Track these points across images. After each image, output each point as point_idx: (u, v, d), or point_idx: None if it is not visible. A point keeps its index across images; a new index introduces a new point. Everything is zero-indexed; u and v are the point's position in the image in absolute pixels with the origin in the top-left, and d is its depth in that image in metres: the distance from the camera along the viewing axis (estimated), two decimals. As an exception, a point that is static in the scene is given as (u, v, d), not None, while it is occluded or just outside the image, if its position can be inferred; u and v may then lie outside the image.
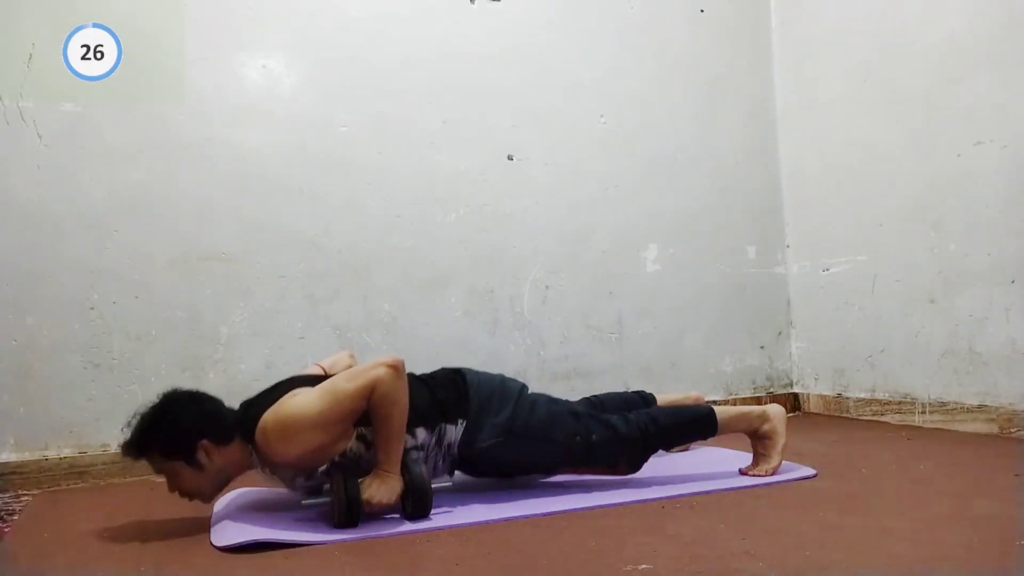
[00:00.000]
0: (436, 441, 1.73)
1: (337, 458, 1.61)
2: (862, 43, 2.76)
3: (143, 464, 1.62)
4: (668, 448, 1.97)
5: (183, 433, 1.58)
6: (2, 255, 2.19)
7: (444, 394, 1.77)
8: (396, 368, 1.58)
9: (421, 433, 1.70)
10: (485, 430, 1.74)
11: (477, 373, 1.86)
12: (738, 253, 3.07)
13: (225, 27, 2.44)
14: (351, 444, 1.63)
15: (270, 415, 1.56)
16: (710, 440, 1.95)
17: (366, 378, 1.56)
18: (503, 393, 1.82)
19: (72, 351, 2.23)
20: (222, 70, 2.43)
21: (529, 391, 1.89)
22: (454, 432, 1.74)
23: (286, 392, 1.62)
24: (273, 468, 1.62)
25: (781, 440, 1.88)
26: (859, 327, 2.80)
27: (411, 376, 1.78)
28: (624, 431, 1.81)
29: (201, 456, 1.58)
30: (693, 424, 1.90)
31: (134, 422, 1.60)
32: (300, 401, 1.57)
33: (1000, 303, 2.31)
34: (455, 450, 1.76)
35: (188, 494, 1.62)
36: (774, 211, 3.14)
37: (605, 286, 2.85)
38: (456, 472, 1.82)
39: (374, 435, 1.61)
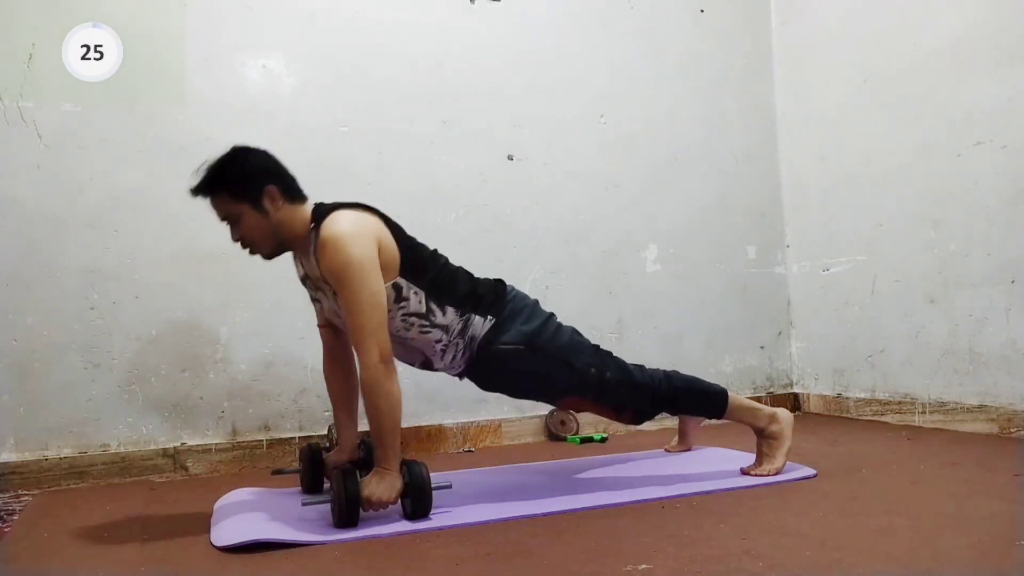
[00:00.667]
0: (461, 329, 1.75)
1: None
2: (862, 43, 2.77)
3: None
4: (674, 411, 1.97)
5: (254, 174, 1.64)
6: (2, 255, 2.19)
7: (483, 289, 1.80)
8: (387, 363, 1.58)
9: (450, 312, 1.73)
10: (510, 333, 1.76)
11: (516, 289, 1.89)
12: (738, 253, 3.07)
13: (225, 27, 2.44)
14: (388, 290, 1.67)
15: (331, 226, 1.62)
16: (711, 440, 1.95)
17: (366, 340, 1.57)
18: (534, 310, 1.85)
19: (72, 351, 2.23)
20: (222, 70, 2.43)
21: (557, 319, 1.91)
22: (480, 325, 1.77)
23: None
24: (321, 269, 1.65)
25: (787, 443, 1.88)
26: (859, 327, 2.80)
27: (460, 267, 1.84)
28: (639, 378, 1.84)
29: (267, 201, 1.63)
30: (704, 396, 1.92)
31: (204, 165, 1.64)
32: (355, 249, 1.59)
33: (1000, 303, 2.31)
34: (476, 345, 1.77)
35: (248, 243, 1.68)
36: (774, 211, 3.14)
37: (605, 286, 2.85)
38: (464, 379, 1.86)
39: (370, 432, 1.61)
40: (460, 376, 1.87)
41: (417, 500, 1.58)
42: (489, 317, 1.77)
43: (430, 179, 2.64)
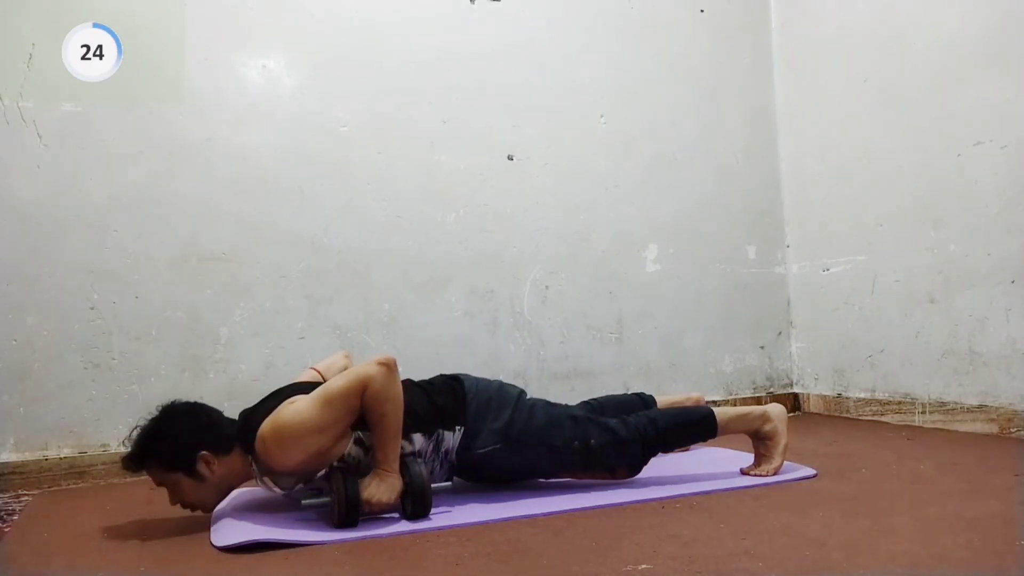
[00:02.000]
0: (434, 448, 1.73)
1: (336, 463, 1.61)
2: (862, 43, 2.76)
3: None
4: (667, 450, 1.96)
5: (183, 445, 1.58)
6: (2, 255, 2.19)
7: (442, 400, 1.76)
8: (388, 366, 1.58)
9: (419, 439, 1.70)
10: (483, 436, 1.74)
11: (475, 379, 1.86)
12: (738, 253, 3.07)
13: (225, 27, 2.44)
14: (349, 448, 1.63)
15: (268, 423, 1.57)
16: (711, 440, 1.94)
17: (357, 377, 1.56)
18: (501, 399, 1.81)
19: (72, 351, 2.23)
20: (222, 70, 2.43)
21: (527, 396, 1.88)
22: (452, 439, 1.74)
23: (283, 400, 1.62)
24: (273, 476, 1.63)
25: (783, 440, 1.88)
26: (859, 327, 2.80)
27: (409, 382, 1.79)
28: (623, 434, 1.80)
29: (202, 467, 1.58)
30: (693, 426, 1.90)
31: (134, 435, 1.60)
32: (296, 408, 1.57)
33: (1000, 303, 2.31)
34: (453, 456, 1.76)
35: (190, 505, 1.63)
36: (774, 211, 3.14)
37: (605, 286, 2.85)
38: (454, 477, 1.82)
39: (371, 435, 1.61)
40: (449, 480, 1.81)
41: (417, 500, 1.58)
42: (457, 427, 1.74)
43: (430, 179, 2.64)
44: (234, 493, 1.89)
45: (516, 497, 1.74)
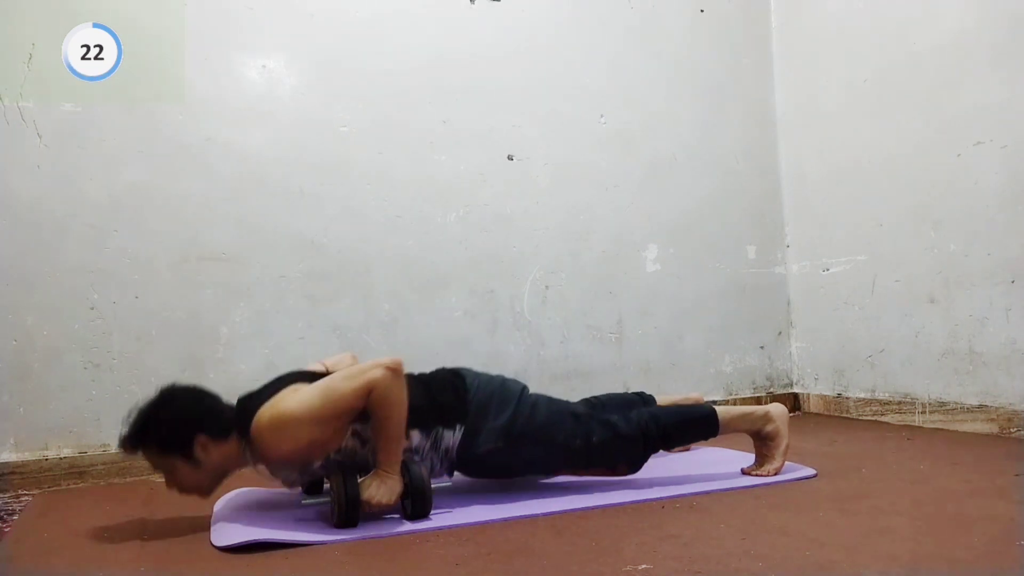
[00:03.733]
0: (432, 445, 1.72)
1: (332, 455, 1.61)
2: (862, 43, 2.77)
3: (143, 462, 1.62)
4: (668, 448, 1.96)
5: (180, 428, 1.57)
6: (2, 255, 2.19)
7: (443, 398, 1.75)
8: (394, 370, 1.57)
9: (416, 436, 1.69)
10: (484, 434, 1.73)
11: (477, 375, 1.85)
12: (738, 253, 3.07)
13: (225, 27, 2.44)
14: (346, 441, 1.63)
15: (266, 410, 1.56)
16: (710, 440, 1.94)
17: (363, 379, 1.55)
18: (503, 396, 1.80)
19: (72, 351, 2.23)
20: (222, 70, 2.43)
21: (530, 392, 1.88)
22: (452, 437, 1.73)
23: (284, 387, 1.62)
24: (268, 465, 1.62)
25: (784, 441, 1.88)
26: (859, 327, 2.80)
27: (409, 376, 1.77)
28: (624, 431, 1.80)
29: (198, 451, 1.57)
30: (694, 424, 1.89)
31: (132, 417, 1.60)
32: (296, 397, 1.57)
33: (1000, 303, 2.31)
34: (453, 454, 1.75)
35: (186, 489, 1.62)
36: (774, 211, 3.14)
37: (605, 286, 2.85)
38: (455, 472, 1.82)
39: (373, 436, 1.61)
40: (449, 475, 1.81)
41: (417, 501, 1.58)
42: (458, 426, 1.73)
43: (430, 179, 2.64)
44: (234, 493, 1.89)
45: (516, 497, 1.74)
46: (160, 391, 1.63)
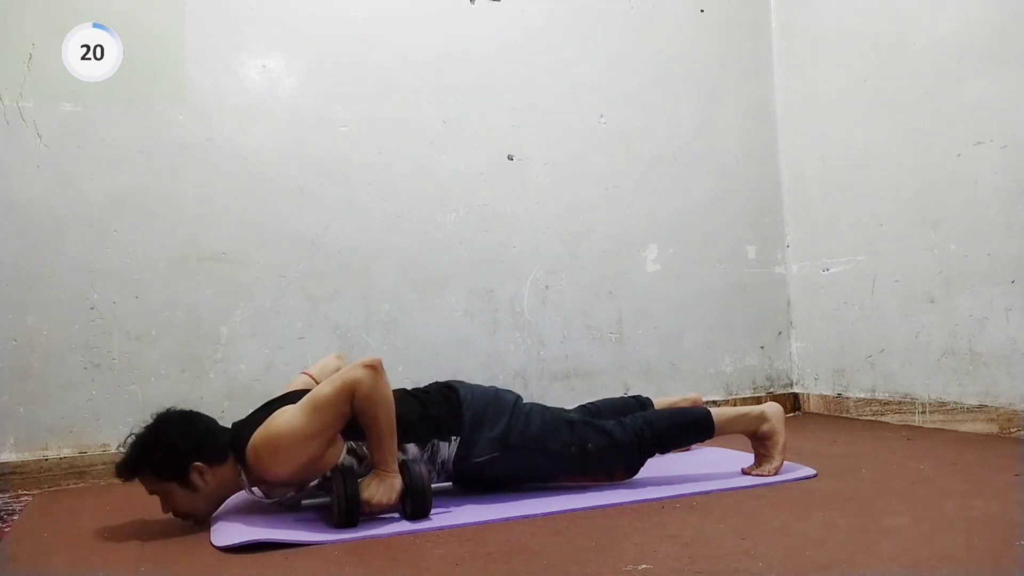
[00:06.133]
0: (428, 458, 1.73)
1: (329, 472, 1.61)
2: (862, 43, 2.76)
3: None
4: (664, 452, 1.96)
5: (177, 454, 1.57)
6: (2, 255, 2.19)
7: (437, 410, 1.75)
8: (374, 368, 1.57)
9: (412, 449, 1.70)
10: (480, 445, 1.74)
11: (470, 387, 1.85)
12: (738, 253, 3.07)
13: (225, 27, 2.44)
14: (342, 457, 1.63)
15: (259, 434, 1.57)
16: (710, 440, 1.94)
17: (343, 382, 1.55)
18: (497, 406, 1.80)
19: (72, 351, 2.23)
20: (222, 70, 2.43)
21: (523, 401, 1.88)
22: (447, 449, 1.74)
23: (274, 410, 1.62)
24: (265, 486, 1.64)
25: (781, 439, 1.88)
26: (859, 327, 2.80)
27: (403, 391, 1.79)
28: (620, 437, 1.80)
29: (195, 477, 1.57)
30: (689, 428, 1.90)
31: (128, 443, 1.60)
32: (286, 417, 1.57)
33: (1000, 303, 2.31)
34: (450, 466, 1.75)
35: (182, 515, 1.62)
36: (774, 211, 3.14)
37: (605, 286, 2.85)
38: (452, 485, 1.82)
39: (366, 437, 1.61)
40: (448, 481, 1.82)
41: (417, 500, 1.58)
42: (453, 437, 1.74)
43: (430, 179, 2.64)
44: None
45: (516, 497, 1.74)
46: (156, 417, 1.63)
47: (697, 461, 2.09)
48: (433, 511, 1.60)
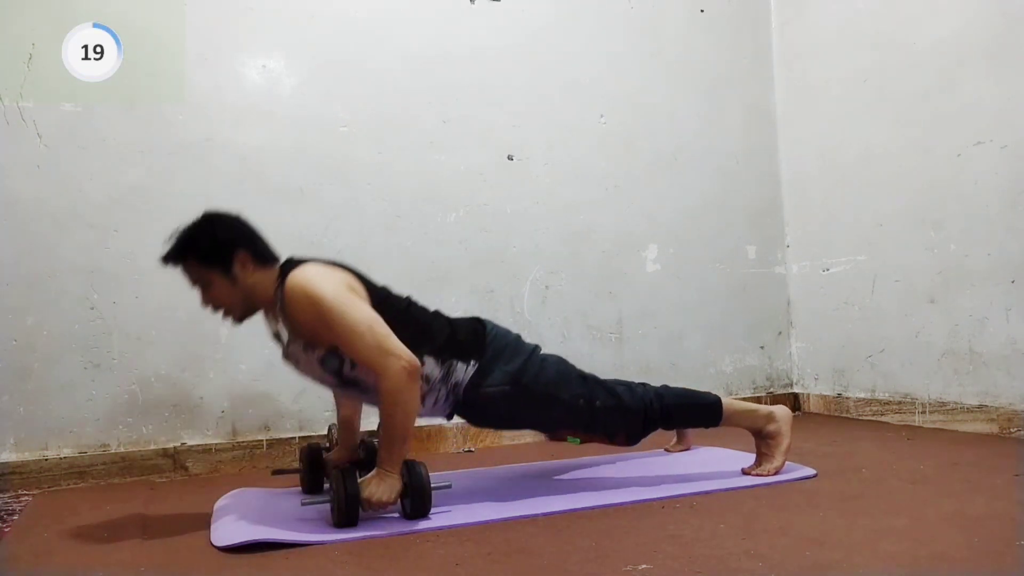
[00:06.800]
0: (443, 376, 1.73)
1: (332, 352, 1.62)
2: (862, 43, 2.77)
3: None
4: (668, 428, 1.96)
5: (223, 242, 1.62)
6: (2, 255, 2.19)
7: (463, 335, 1.78)
8: (411, 373, 1.55)
9: (429, 362, 1.70)
10: (494, 375, 1.75)
11: (496, 325, 1.87)
12: (738, 253, 3.07)
13: (225, 27, 2.44)
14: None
15: (301, 273, 1.59)
16: (711, 439, 1.94)
17: (382, 359, 1.53)
18: (518, 347, 1.83)
19: (72, 351, 2.23)
20: (222, 70, 2.43)
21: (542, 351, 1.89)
22: (463, 372, 1.74)
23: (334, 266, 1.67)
24: (286, 323, 1.65)
25: (785, 441, 1.88)
26: (859, 327, 2.80)
27: (437, 312, 1.82)
28: (628, 402, 1.82)
29: (237, 267, 1.61)
30: (698, 409, 1.91)
31: (175, 234, 1.63)
32: (332, 289, 1.57)
33: (1000, 303, 2.31)
34: (460, 391, 1.76)
35: (219, 307, 1.66)
36: (774, 211, 3.14)
37: (605, 286, 2.85)
38: (455, 417, 1.83)
39: (379, 432, 1.61)
40: (448, 417, 1.83)
41: (417, 500, 1.58)
42: (472, 362, 1.75)
43: (430, 179, 2.64)
44: (234, 493, 1.89)
45: (516, 497, 1.74)
46: (204, 213, 1.67)
47: (697, 461, 2.10)
48: (433, 511, 1.60)
